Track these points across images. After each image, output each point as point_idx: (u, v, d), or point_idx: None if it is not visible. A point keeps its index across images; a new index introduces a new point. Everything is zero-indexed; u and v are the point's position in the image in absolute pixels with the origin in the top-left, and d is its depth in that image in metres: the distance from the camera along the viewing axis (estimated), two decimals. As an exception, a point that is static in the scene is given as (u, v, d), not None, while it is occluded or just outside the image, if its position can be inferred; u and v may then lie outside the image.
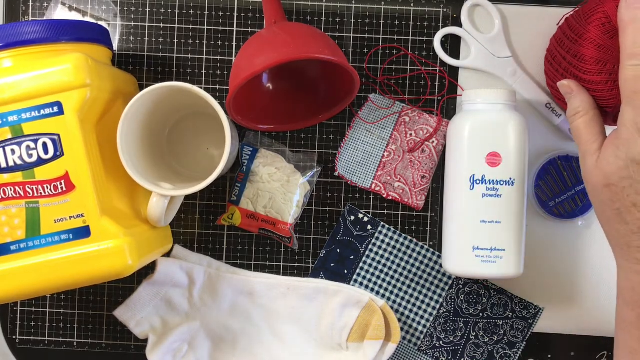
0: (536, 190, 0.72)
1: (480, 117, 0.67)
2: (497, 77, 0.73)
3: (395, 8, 0.73)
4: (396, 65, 0.73)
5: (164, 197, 0.63)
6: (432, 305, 0.73)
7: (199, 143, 0.73)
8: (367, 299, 0.71)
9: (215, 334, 0.72)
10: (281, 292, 0.72)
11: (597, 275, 0.73)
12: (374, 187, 0.73)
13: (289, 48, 0.62)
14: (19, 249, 0.58)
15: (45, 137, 0.58)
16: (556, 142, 0.73)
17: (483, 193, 0.66)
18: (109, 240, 0.58)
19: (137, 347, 0.74)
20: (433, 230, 0.74)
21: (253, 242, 0.74)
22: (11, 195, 0.58)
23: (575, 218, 0.73)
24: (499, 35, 0.72)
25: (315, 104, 0.72)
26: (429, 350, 0.73)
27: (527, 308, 0.73)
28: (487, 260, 0.66)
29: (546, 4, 0.73)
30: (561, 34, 0.66)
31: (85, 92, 0.58)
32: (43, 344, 0.74)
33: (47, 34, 0.61)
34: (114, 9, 0.73)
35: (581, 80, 0.63)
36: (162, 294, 0.71)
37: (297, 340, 0.73)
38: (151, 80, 0.73)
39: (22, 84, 0.57)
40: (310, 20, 0.73)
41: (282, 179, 0.71)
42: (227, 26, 0.73)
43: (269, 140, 0.73)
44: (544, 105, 0.72)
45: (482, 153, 0.66)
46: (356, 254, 0.73)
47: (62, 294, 0.74)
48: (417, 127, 0.73)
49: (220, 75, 0.73)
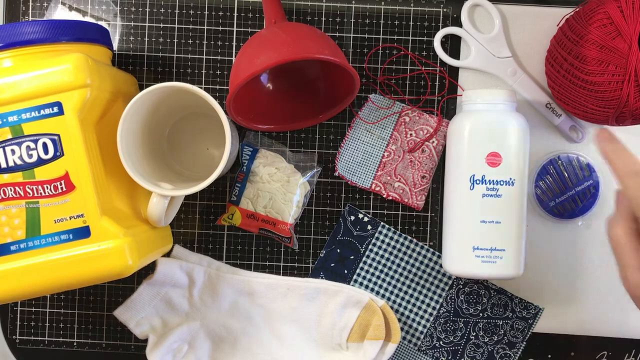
0: (536, 190, 0.72)
1: (481, 117, 0.67)
2: (497, 77, 0.73)
3: (395, 8, 0.73)
4: (396, 65, 0.73)
5: (164, 197, 0.63)
6: (432, 305, 0.73)
7: (199, 143, 0.73)
8: (367, 299, 0.71)
9: (215, 334, 0.72)
10: (281, 292, 0.72)
11: (597, 275, 0.73)
12: (374, 187, 0.73)
13: (289, 48, 0.62)
14: (19, 249, 0.58)
15: (45, 137, 0.58)
16: (556, 142, 0.73)
17: (483, 193, 0.66)
18: (109, 241, 0.58)
19: (137, 347, 0.74)
20: (433, 230, 0.74)
21: (253, 242, 0.74)
22: (11, 195, 0.58)
23: (575, 218, 0.73)
24: (499, 35, 0.72)
25: (315, 104, 0.72)
26: (429, 350, 0.73)
27: (527, 308, 0.73)
28: (487, 260, 0.66)
29: (546, 4, 0.73)
30: (561, 35, 0.66)
31: (85, 92, 0.58)
32: (43, 344, 0.74)
33: (47, 34, 0.61)
34: (114, 9, 0.73)
35: (583, 82, 0.63)
36: (162, 294, 0.71)
37: (297, 340, 0.73)
38: (151, 80, 0.73)
39: (22, 84, 0.57)
40: (310, 20, 0.73)
41: (282, 179, 0.71)
42: (227, 26, 0.73)
43: (269, 140, 0.73)
44: (544, 105, 0.72)
45: (482, 153, 0.66)
46: (356, 254, 0.73)
47: (62, 294, 0.74)
48: (417, 127, 0.73)
49: (220, 75, 0.73)
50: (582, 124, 0.73)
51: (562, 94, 0.67)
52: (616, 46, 0.61)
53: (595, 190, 0.72)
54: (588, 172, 0.72)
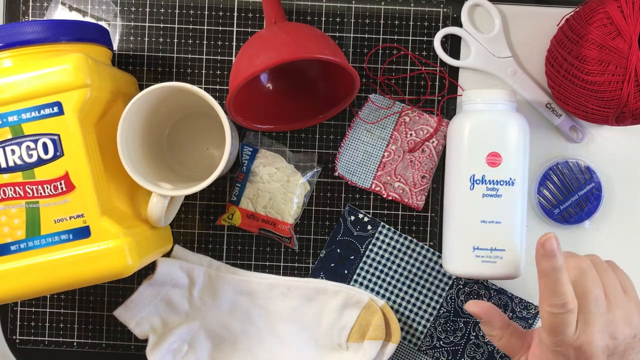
0: (539, 199, 0.72)
1: (481, 117, 0.67)
2: (497, 77, 0.73)
3: (395, 8, 0.73)
4: (396, 65, 0.73)
5: (164, 197, 0.63)
6: (432, 305, 0.73)
7: (199, 143, 0.73)
8: (367, 299, 0.71)
9: (215, 334, 0.72)
10: (281, 292, 0.72)
11: (597, 276, 0.73)
12: (374, 187, 0.73)
13: (289, 48, 0.62)
14: (19, 249, 0.58)
15: (45, 137, 0.58)
16: (556, 142, 0.73)
17: (483, 193, 0.66)
18: (109, 241, 0.58)
19: (137, 347, 0.74)
20: (433, 230, 0.74)
21: (253, 242, 0.74)
22: (11, 195, 0.58)
23: (582, 222, 0.73)
24: (499, 35, 0.72)
25: (315, 104, 0.72)
26: (429, 350, 0.73)
27: (527, 308, 0.73)
28: (487, 260, 0.66)
29: (546, 4, 0.73)
30: (561, 35, 0.66)
31: (85, 92, 0.58)
32: (43, 344, 0.74)
33: (47, 34, 0.61)
34: (114, 9, 0.73)
35: (583, 82, 0.63)
36: (162, 294, 0.71)
37: (297, 340, 0.73)
38: (151, 80, 0.73)
39: (22, 84, 0.57)
40: (310, 20, 0.73)
41: (282, 179, 0.71)
42: (227, 26, 0.73)
43: (269, 140, 0.73)
44: (544, 106, 0.72)
45: (482, 153, 0.66)
46: (356, 254, 0.73)
47: (62, 294, 0.74)
48: (417, 127, 0.73)
49: (220, 75, 0.73)
50: (582, 124, 0.73)
51: (562, 94, 0.67)
52: (616, 46, 0.61)
53: (599, 192, 0.72)
54: (589, 175, 0.72)
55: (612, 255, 0.73)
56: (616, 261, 0.73)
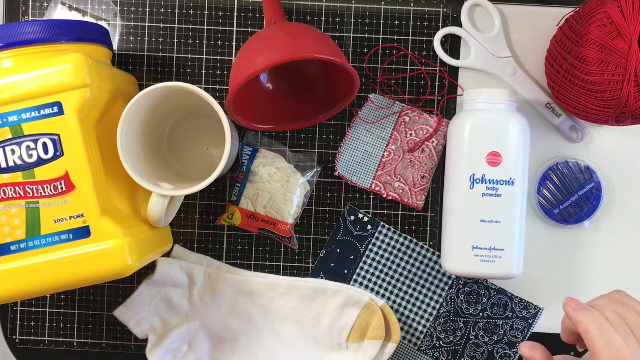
0: (539, 200, 0.72)
1: (481, 116, 0.67)
2: (497, 77, 0.73)
3: (395, 8, 0.73)
4: (396, 65, 0.73)
5: (164, 197, 0.63)
6: (432, 305, 0.73)
7: (199, 143, 0.73)
8: (367, 299, 0.71)
9: (215, 334, 0.72)
10: (281, 292, 0.72)
11: (598, 275, 0.73)
12: (374, 187, 0.73)
13: (289, 48, 0.62)
14: (19, 249, 0.58)
15: (45, 137, 0.58)
16: (556, 143, 0.73)
17: (483, 193, 0.66)
18: (109, 241, 0.58)
19: (137, 347, 0.74)
20: (433, 230, 0.74)
21: (253, 242, 0.74)
22: (11, 195, 0.58)
23: (582, 222, 0.73)
24: (499, 35, 0.72)
25: (315, 104, 0.72)
26: (429, 350, 0.73)
27: (527, 308, 0.73)
28: (487, 259, 0.66)
29: (546, 4, 0.73)
30: (561, 35, 0.66)
31: (85, 92, 0.58)
32: (43, 344, 0.74)
33: (47, 34, 0.61)
34: (114, 9, 0.73)
35: (583, 82, 0.63)
36: (162, 294, 0.71)
37: (297, 340, 0.73)
38: (151, 80, 0.73)
39: (22, 84, 0.57)
40: (310, 20, 0.73)
41: (282, 179, 0.71)
42: (227, 26, 0.73)
43: (269, 140, 0.73)
44: (544, 106, 0.72)
45: (482, 153, 0.66)
46: (356, 254, 0.73)
47: (62, 294, 0.74)
48: (417, 127, 0.73)
49: (220, 75, 0.73)
50: (582, 124, 0.73)
51: (562, 94, 0.67)
52: (616, 46, 0.61)
53: (599, 192, 0.72)
54: (588, 174, 0.72)
55: (612, 255, 0.73)
56: (616, 261, 0.73)
